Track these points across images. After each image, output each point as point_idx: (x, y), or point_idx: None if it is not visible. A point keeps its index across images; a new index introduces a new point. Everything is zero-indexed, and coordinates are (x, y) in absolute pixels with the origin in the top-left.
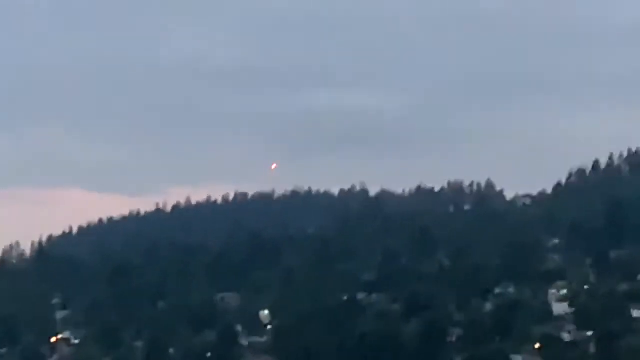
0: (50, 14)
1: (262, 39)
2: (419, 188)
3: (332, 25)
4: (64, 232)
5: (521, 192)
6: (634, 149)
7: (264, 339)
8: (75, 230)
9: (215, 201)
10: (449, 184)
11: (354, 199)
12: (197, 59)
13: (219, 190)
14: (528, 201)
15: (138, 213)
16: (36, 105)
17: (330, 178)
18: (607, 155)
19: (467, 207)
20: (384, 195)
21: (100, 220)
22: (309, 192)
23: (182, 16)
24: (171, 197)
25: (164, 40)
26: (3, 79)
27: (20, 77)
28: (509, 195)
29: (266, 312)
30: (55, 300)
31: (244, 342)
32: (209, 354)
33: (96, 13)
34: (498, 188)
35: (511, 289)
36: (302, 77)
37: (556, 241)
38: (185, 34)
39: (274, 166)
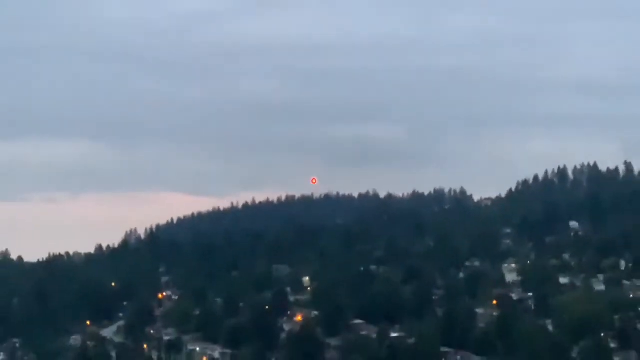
0: None
1: (305, 85)
2: (413, 192)
3: (353, 77)
4: (167, 222)
5: (484, 196)
6: (561, 166)
7: (305, 297)
8: (175, 221)
9: (273, 201)
10: (435, 190)
11: (369, 200)
12: (261, 100)
13: (275, 193)
14: (489, 203)
15: (219, 209)
16: (150, 126)
17: (352, 185)
18: (543, 170)
19: (447, 207)
20: (389, 198)
21: (193, 215)
22: (338, 195)
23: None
24: (242, 198)
25: (241, 86)
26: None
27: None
28: (476, 198)
29: (307, 278)
30: (161, 269)
31: (292, 299)
32: (267, 307)
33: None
34: (469, 193)
35: (477, 263)
36: (332, 114)
37: (508, 230)
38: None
39: (315, 181)
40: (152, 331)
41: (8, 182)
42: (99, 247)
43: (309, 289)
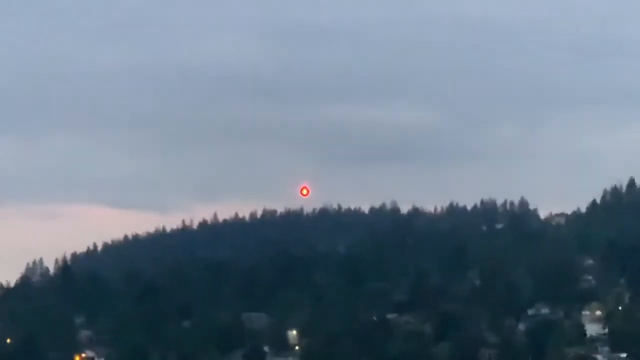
0: (71, 19)
1: (286, 52)
2: (451, 206)
3: (361, 37)
4: (88, 249)
5: (555, 211)
6: None
7: (292, 359)
8: (99, 247)
9: (243, 218)
10: (482, 202)
11: (385, 217)
12: (225, 69)
13: (246, 207)
14: (562, 220)
15: (164, 230)
16: (56, 113)
17: (360, 195)
18: None
19: (500, 226)
20: (415, 213)
21: (126, 238)
22: (339, 209)
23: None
24: (197, 213)
25: (193, 48)
26: (20, 84)
27: (39, 84)
28: (542, 214)
29: (294, 332)
30: (79, 319)
31: None
32: None
33: (124, 19)
34: (532, 207)
35: (544, 310)
36: (331, 89)
37: (590, 261)
38: (215, 43)
39: (306, 191)
40: None
41: None
42: None
43: (297, 348)
